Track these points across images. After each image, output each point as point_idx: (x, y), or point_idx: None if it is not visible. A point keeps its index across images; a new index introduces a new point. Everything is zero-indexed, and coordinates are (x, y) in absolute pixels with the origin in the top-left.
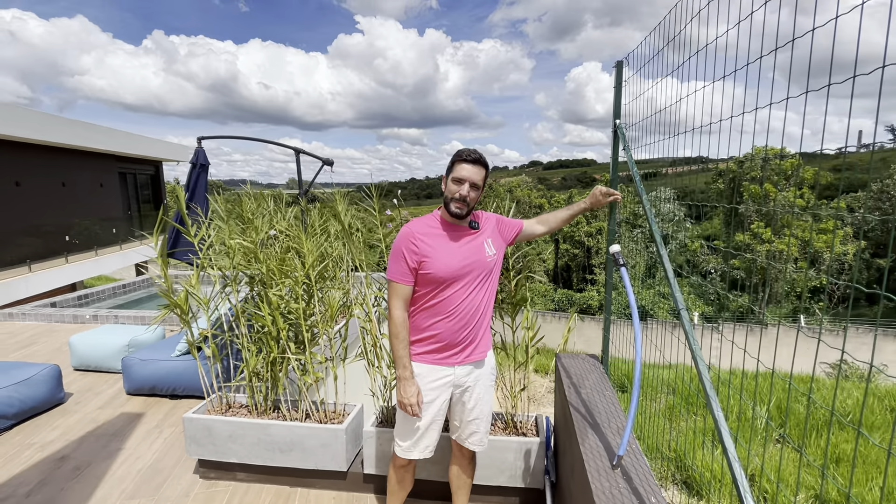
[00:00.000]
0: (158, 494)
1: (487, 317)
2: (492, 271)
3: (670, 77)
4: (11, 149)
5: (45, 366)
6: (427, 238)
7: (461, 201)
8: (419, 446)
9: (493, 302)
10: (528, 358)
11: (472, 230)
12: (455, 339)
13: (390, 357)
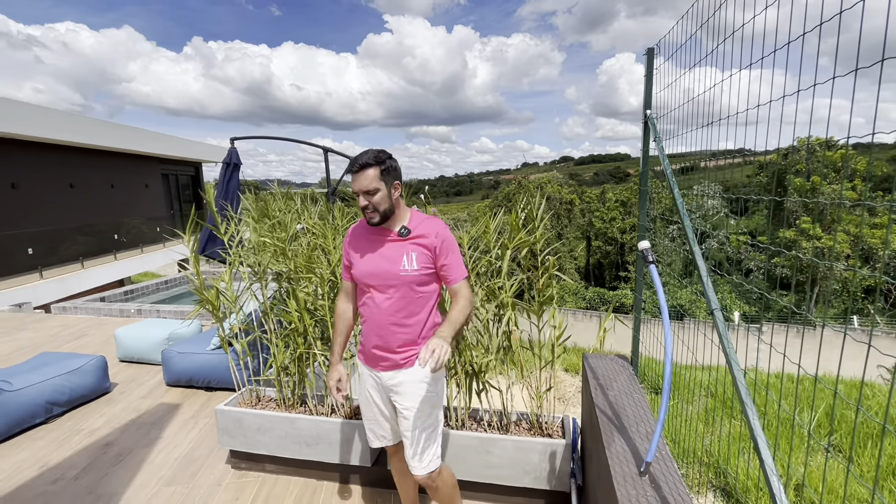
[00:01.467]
0: (193, 482)
1: (404, 331)
2: (406, 285)
3: (705, 64)
4: (67, 153)
5: (93, 357)
6: (356, 239)
7: (366, 210)
8: (372, 435)
9: (419, 318)
10: (555, 357)
11: (399, 237)
12: (369, 344)
13: None
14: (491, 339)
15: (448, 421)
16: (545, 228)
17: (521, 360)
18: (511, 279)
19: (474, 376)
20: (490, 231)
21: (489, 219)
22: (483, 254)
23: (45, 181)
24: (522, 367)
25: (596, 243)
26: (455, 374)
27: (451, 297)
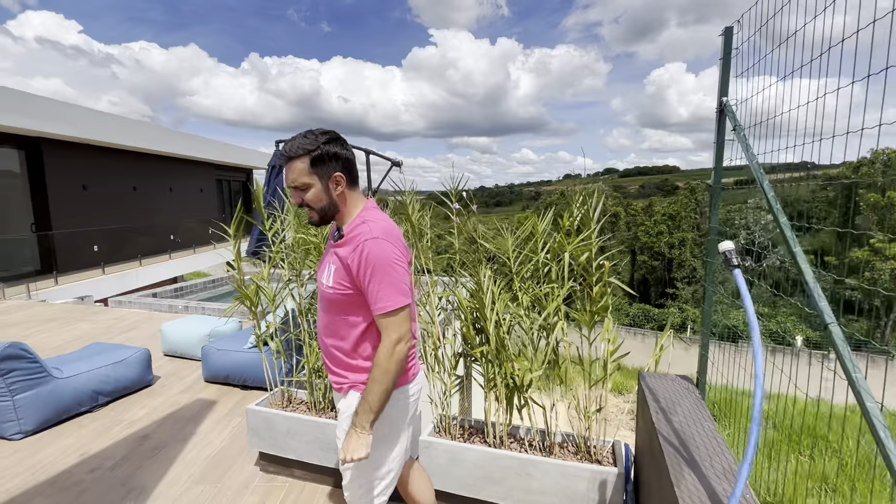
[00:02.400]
0: (221, 483)
1: (336, 353)
2: (328, 301)
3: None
4: (132, 158)
5: (138, 349)
6: None
7: (307, 209)
8: None
9: (347, 343)
10: (607, 375)
11: (334, 241)
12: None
13: (451, 362)
14: (536, 350)
15: (485, 437)
16: (600, 232)
17: (570, 376)
18: (560, 286)
19: (516, 390)
20: (538, 233)
21: (537, 219)
22: (529, 256)
23: (111, 184)
24: (568, 382)
25: (641, 258)
26: (494, 386)
27: None
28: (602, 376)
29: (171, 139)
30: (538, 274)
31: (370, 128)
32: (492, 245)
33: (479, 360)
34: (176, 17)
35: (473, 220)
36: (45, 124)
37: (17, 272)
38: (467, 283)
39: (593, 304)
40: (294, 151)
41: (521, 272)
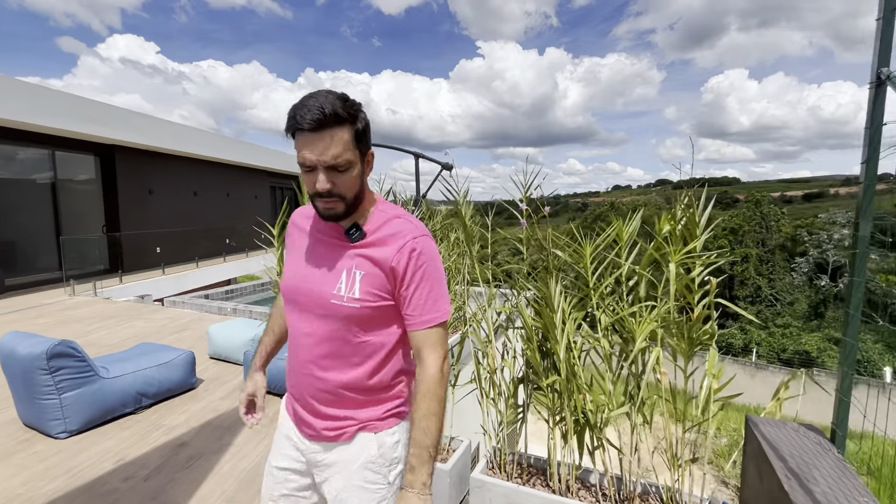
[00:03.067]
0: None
1: (337, 385)
2: (338, 320)
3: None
4: (194, 165)
5: (183, 352)
6: (300, 230)
7: (324, 198)
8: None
9: (355, 364)
10: (710, 417)
11: (347, 241)
12: (293, 396)
13: (509, 389)
14: (617, 382)
15: (548, 480)
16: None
17: (664, 414)
18: (655, 305)
19: (587, 428)
20: (622, 240)
21: (622, 224)
22: (610, 269)
23: (174, 189)
24: (649, 420)
25: None
26: (561, 420)
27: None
28: (702, 418)
29: (229, 147)
30: (620, 290)
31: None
32: (566, 254)
33: (545, 390)
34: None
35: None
36: (118, 133)
37: (87, 270)
38: (530, 297)
39: (694, 329)
40: (336, 111)
41: (599, 287)
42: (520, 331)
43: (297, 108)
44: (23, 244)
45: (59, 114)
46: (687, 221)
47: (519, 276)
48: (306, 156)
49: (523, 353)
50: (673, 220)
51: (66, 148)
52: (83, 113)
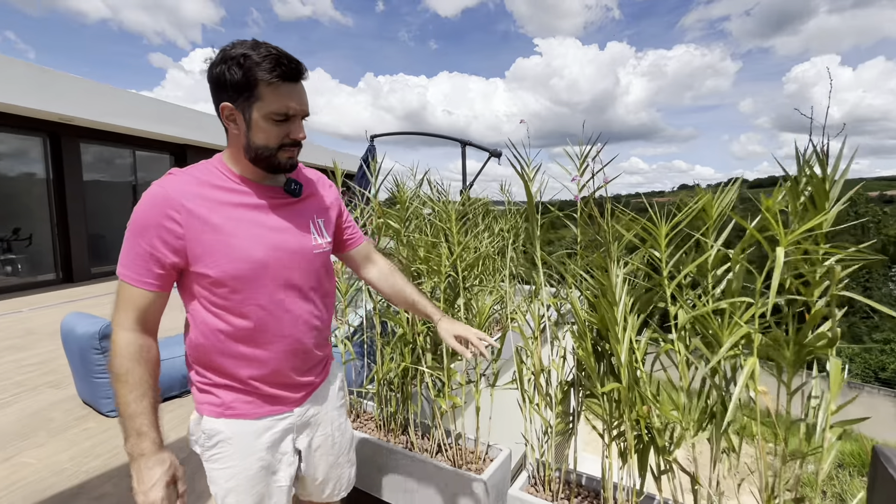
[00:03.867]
0: None
1: (324, 330)
2: (323, 268)
3: None
4: None
5: None
6: (201, 209)
7: (295, 147)
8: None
9: (332, 314)
10: (825, 447)
11: (288, 195)
12: (284, 370)
13: (557, 394)
14: (699, 397)
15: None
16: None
17: (755, 438)
18: (745, 303)
19: (653, 448)
20: (711, 217)
21: (710, 197)
22: (691, 252)
23: None
24: (736, 446)
25: None
26: (619, 436)
27: (363, 267)
28: (812, 447)
29: None
30: (705, 282)
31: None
32: (630, 234)
33: (599, 398)
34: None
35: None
36: (189, 132)
37: None
38: (584, 288)
39: (807, 333)
40: (304, 70)
41: (676, 276)
42: (571, 327)
43: (273, 55)
44: (110, 237)
45: (141, 116)
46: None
47: (570, 263)
48: (292, 105)
49: (574, 353)
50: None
51: (146, 148)
52: (160, 113)
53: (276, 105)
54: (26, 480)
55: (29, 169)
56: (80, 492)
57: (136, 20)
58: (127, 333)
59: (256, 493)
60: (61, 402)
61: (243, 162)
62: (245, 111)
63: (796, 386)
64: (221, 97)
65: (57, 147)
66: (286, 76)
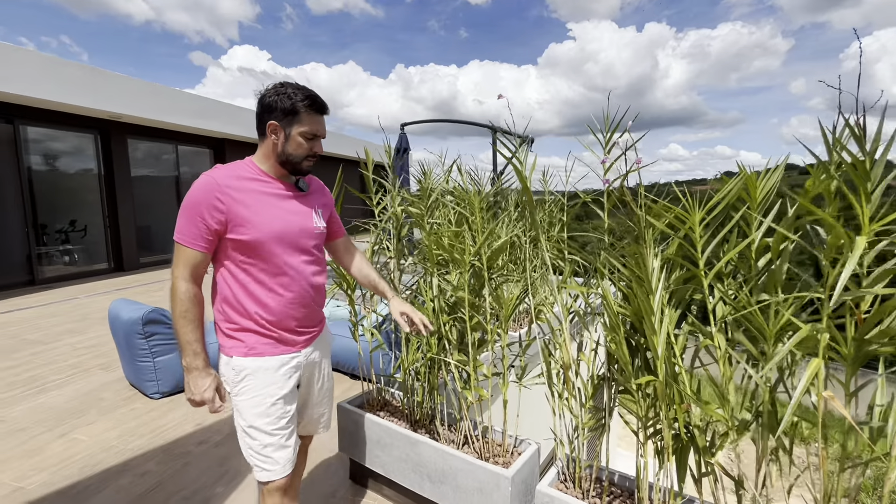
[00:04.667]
0: (307, 485)
1: (324, 293)
2: (318, 240)
3: None
4: None
5: None
6: (239, 192)
7: (315, 158)
8: (286, 455)
9: (325, 283)
10: (892, 454)
11: (298, 190)
12: (296, 318)
13: (587, 389)
14: (745, 396)
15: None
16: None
17: (806, 441)
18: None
19: (693, 448)
20: (755, 199)
21: (754, 178)
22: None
23: None
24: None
25: None
26: (655, 434)
27: (342, 255)
28: (876, 452)
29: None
30: (747, 272)
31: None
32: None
33: (633, 394)
34: (339, 37)
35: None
36: (227, 126)
37: None
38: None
39: (870, 328)
40: (328, 108)
41: (714, 266)
42: (601, 319)
43: (312, 95)
44: (156, 229)
45: (183, 111)
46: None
47: (602, 253)
48: (319, 129)
49: (606, 346)
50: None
51: (188, 143)
52: (200, 109)
53: (308, 127)
54: (80, 455)
55: (84, 165)
56: (126, 469)
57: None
58: (184, 283)
59: (275, 417)
60: (111, 383)
61: (271, 163)
62: (286, 129)
63: (855, 385)
64: (270, 117)
65: (107, 144)
66: (318, 110)
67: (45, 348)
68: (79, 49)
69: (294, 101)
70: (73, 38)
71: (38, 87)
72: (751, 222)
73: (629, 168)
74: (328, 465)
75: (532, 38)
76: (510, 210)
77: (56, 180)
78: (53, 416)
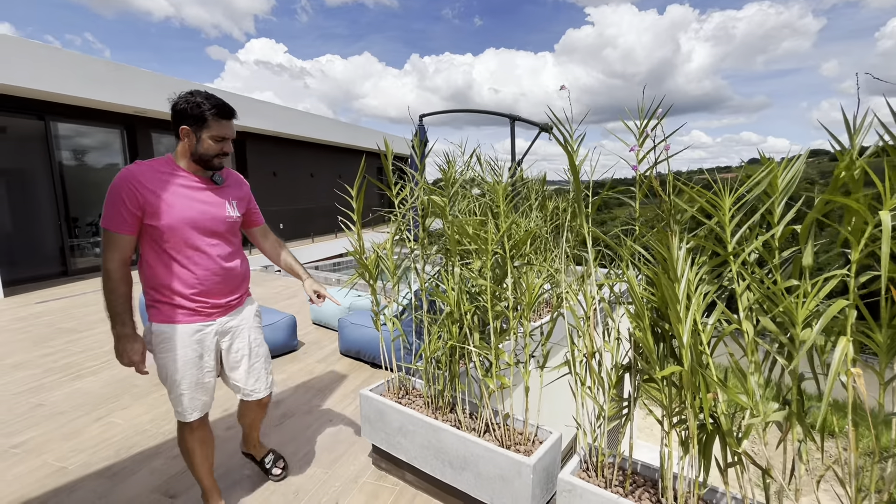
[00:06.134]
0: (332, 469)
1: (239, 271)
2: (233, 229)
3: None
4: (310, 149)
5: (285, 315)
6: (153, 185)
7: (225, 157)
8: (194, 405)
9: (242, 257)
10: None
11: (214, 184)
12: (209, 292)
13: (611, 378)
14: (768, 385)
15: (659, 496)
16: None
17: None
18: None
19: (718, 437)
20: (777, 189)
21: (777, 166)
22: (757, 231)
23: (294, 171)
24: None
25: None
26: (680, 423)
27: (260, 241)
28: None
29: (339, 130)
30: (772, 260)
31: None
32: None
33: (658, 382)
34: (355, 29)
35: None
36: (248, 119)
37: None
38: (636, 266)
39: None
40: (235, 113)
41: (740, 253)
42: (627, 307)
43: (219, 104)
44: None
45: None
46: None
47: (627, 241)
48: (227, 133)
49: (630, 335)
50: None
51: None
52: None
53: (217, 132)
54: (116, 438)
55: (111, 160)
56: (159, 451)
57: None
58: (113, 264)
59: (192, 372)
60: None
61: (186, 160)
62: (196, 133)
63: (892, 374)
64: (182, 122)
65: (133, 138)
66: (225, 116)
67: (80, 336)
68: (102, 46)
69: (203, 110)
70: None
71: (66, 84)
72: (773, 210)
73: (658, 157)
74: (352, 451)
75: (549, 25)
76: (532, 199)
77: (85, 175)
78: (90, 401)
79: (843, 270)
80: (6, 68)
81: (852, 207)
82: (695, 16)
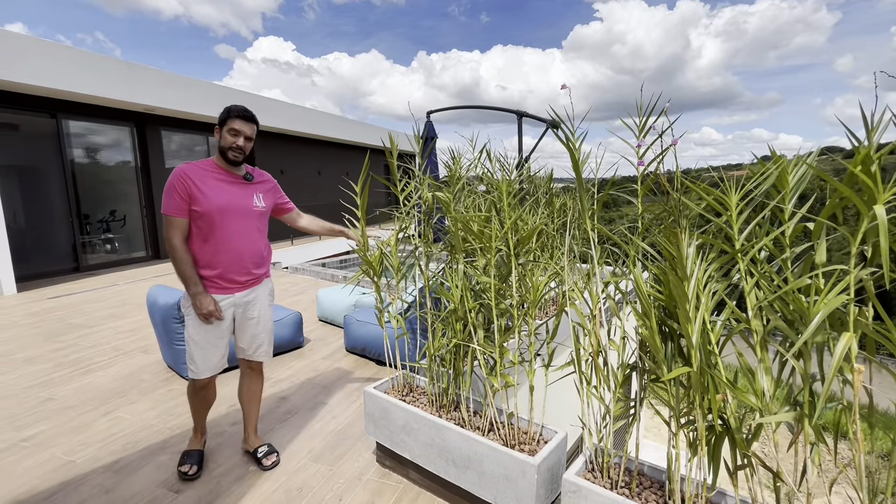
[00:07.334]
0: (336, 467)
1: (260, 254)
2: (259, 218)
3: None
4: (318, 146)
5: (292, 312)
6: (197, 178)
7: (238, 150)
8: (207, 366)
9: (264, 243)
10: None
11: (245, 181)
12: (231, 270)
13: (617, 377)
14: (778, 384)
15: (666, 498)
16: None
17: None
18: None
19: (727, 438)
20: (786, 185)
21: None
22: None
23: (302, 169)
24: (821, 438)
25: None
26: (688, 423)
27: (295, 220)
28: None
29: (347, 127)
30: (783, 258)
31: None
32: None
33: (666, 383)
34: (364, 26)
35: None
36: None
37: None
38: (643, 264)
39: None
40: (255, 119)
41: (749, 250)
42: (633, 305)
43: (240, 108)
44: None
45: (211, 103)
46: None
47: (634, 239)
48: (241, 129)
49: (637, 334)
50: None
51: None
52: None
53: (231, 126)
54: (123, 432)
55: (122, 157)
56: (165, 446)
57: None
58: (176, 240)
59: (213, 336)
60: (150, 365)
61: (221, 159)
62: (221, 130)
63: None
64: (217, 125)
65: (143, 136)
66: (241, 117)
67: (90, 332)
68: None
69: (228, 113)
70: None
71: (78, 82)
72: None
73: (665, 148)
74: (356, 448)
75: (557, 21)
76: (538, 196)
77: (97, 172)
78: (99, 396)
79: (841, 266)
80: (20, 67)
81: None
82: (705, 11)
